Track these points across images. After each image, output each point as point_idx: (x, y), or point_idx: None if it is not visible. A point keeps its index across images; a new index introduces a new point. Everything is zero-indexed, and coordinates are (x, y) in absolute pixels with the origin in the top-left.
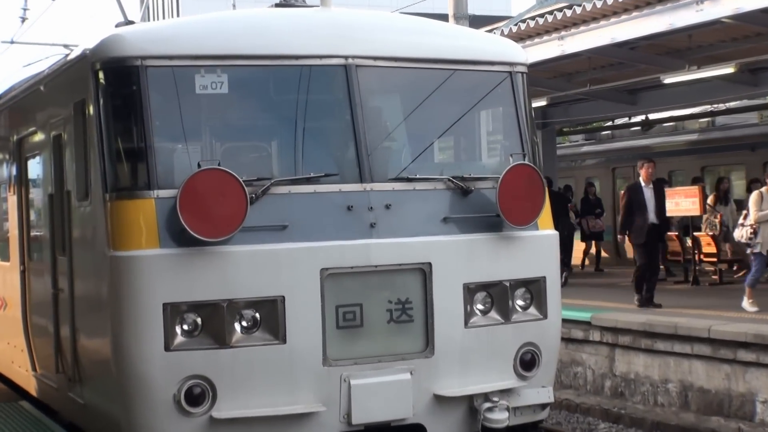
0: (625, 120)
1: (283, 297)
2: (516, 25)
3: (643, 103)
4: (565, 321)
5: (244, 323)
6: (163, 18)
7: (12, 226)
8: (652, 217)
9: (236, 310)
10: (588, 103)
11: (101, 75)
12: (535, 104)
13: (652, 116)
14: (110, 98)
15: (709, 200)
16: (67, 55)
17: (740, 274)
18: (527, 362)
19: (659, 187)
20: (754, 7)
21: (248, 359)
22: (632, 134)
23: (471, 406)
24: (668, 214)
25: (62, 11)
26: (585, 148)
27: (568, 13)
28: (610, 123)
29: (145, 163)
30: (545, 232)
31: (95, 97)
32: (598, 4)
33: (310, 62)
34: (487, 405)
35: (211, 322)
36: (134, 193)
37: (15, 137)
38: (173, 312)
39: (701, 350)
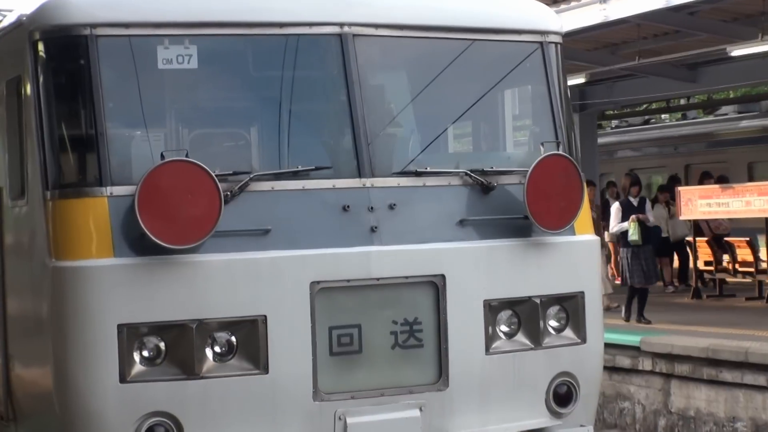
0: (682, 101)
1: (265, 317)
2: None
3: (704, 80)
4: (608, 346)
5: (217, 349)
6: None
7: None
8: None
9: (208, 333)
10: (636, 80)
11: (41, 47)
12: (571, 82)
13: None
14: (52, 75)
15: None
16: None
17: None
18: (562, 396)
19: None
20: None
21: (222, 393)
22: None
23: None
24: (737, 215)
25: None
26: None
27: None
28: (662, 104)
29: (95, 153)
30: (584, 237)
31: (34, 73)
32: None
33: (297, 31)
34: None
35: (177, 347)
36: (82, 190)
37: None
38: (130, 335)
39: None
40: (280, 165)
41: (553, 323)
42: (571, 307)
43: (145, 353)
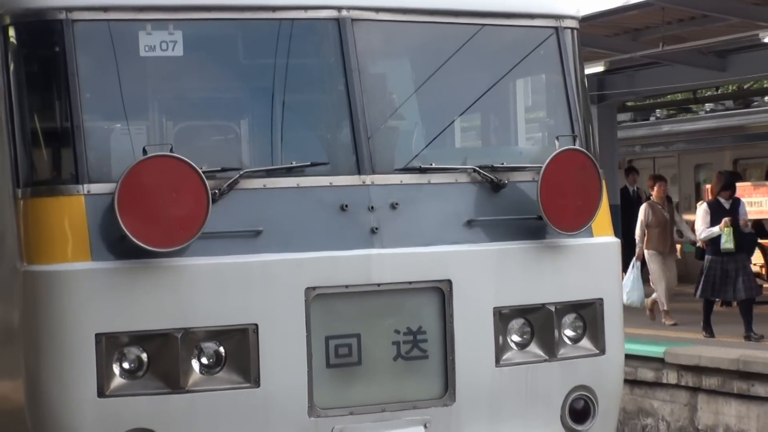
0: (710, 92)
1: (256, 325)
2: None
3: (735, 69)
4: (629, 357)
5: (204, 360)
6: None
7: None
8: None
9: (194, 343)
10: (660, 68)
11: (12, 32)
12: (589, 70)
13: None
14: (24, 63)
15: None
16: None
17: None
18: (579, 411)
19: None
20: None
21: (210, 408)
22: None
23: None
24: None
25: None
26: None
27: None
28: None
29: (71, 148)
30: (603, 239)
31: (4, 61)
32: None
33: (290, 15)
34: None
35: (161, 358)
36: (57, 188)
37: None
38: (109, 345)
39: None
40: (272, 161)
41: (569, 333)
42: (588, 315)
43: (126, 365)
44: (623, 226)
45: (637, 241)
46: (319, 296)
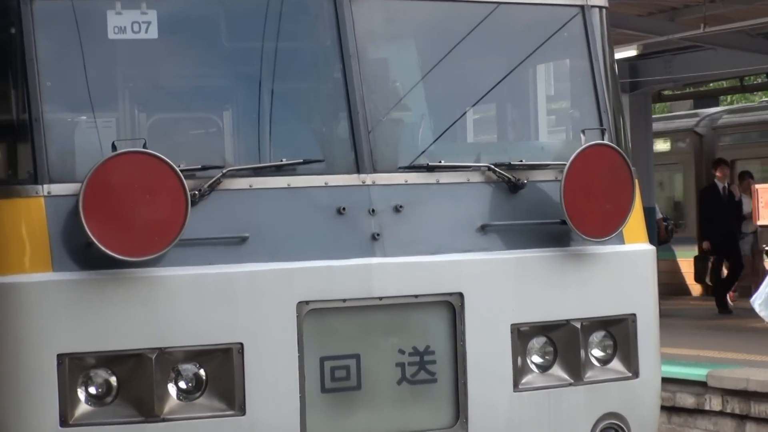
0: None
1: (241, 345)
2: None
3: None
4: (666, 381)
5: (182, 384)
6: None
7: None
8: None
9: (171, 365)
10: (701, 53)
11: None
12: (619, 55)
13: None
14: None
15: None
16: None
17: None
18: None
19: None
20: None
21: None
22: None
23: None
24: None
25: None
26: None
27: None
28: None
29: (29, 143)
30: (636, 246)
31: None
32: None
33: None
34: None
35: (133, 382)
36: (12, 189)
37: None
38: (73, 368)
39: None
40: (260, 158)
41: (597, 353)
42: (619, 332)
43: (93, 390)
44: (711, 232)
45: None
46: (313, 311)
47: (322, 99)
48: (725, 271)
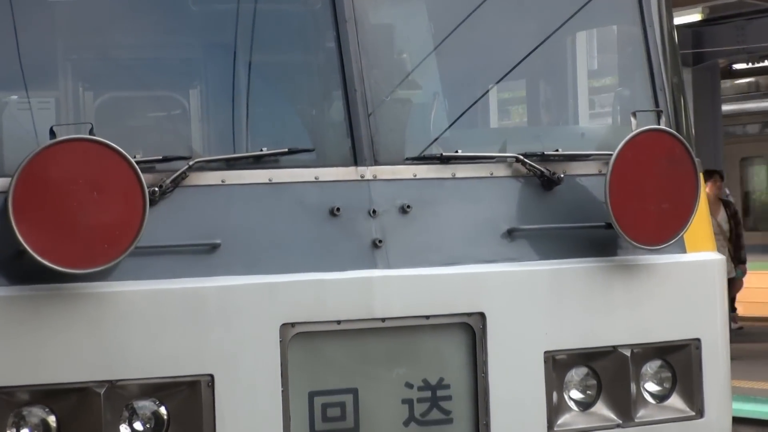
0: None
1: (211, 377)
2: None
3: None
4: (739, 421)
5: (138, 425)
6: None
7: None
8: None
9: (124, 401)
10: None
11: None
12: (679, 20)
13: None
14: None
15: None
16: None
17: None
18: None
19: None
20: None
21: None
22: None
23: None
24: None
25: None
26: None
27: None
28: None
29: None
30: (700, 256)
31: None
32: None
33: None
34: None
35: (76, 422)
36: None
37: None
38: (2, 404)
39: None
40: (234, 147)
41: (651, 387)
42: (679, 362)
43: None
44: None
45: None
46: (300, 336)
47: (311, 74)
48: None
